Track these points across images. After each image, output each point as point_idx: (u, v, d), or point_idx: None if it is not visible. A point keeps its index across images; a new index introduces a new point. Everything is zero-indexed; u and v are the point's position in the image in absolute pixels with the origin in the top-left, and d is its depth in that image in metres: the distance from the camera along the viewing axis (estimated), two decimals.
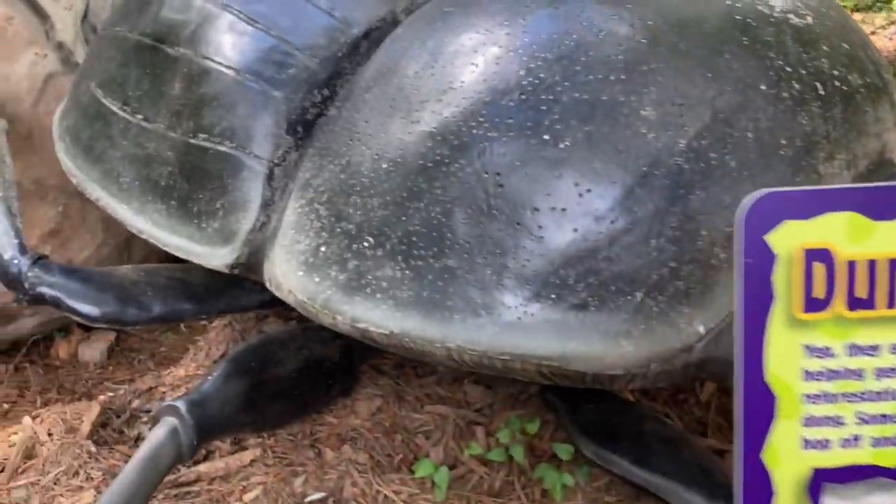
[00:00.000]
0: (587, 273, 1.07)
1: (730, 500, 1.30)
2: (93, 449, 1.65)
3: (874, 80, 1.30)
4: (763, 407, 0.61)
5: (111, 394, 2.10)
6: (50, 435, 1.74)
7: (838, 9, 1.38)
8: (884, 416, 0.61)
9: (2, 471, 1.76)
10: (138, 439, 1.77)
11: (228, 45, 1.41)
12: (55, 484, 1.61)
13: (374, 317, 1.16)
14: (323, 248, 1.23)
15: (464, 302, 1.11)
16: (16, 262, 1.57)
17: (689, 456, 1.34)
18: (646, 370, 1.11)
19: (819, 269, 0.59)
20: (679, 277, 1.09)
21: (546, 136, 1.10)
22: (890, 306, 0.59)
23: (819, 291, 0.59)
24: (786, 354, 0.61)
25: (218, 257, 1.38)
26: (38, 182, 2.28)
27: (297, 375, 1.55)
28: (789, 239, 0.59)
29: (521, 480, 1.53)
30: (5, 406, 2.38)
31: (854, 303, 0.58)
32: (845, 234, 0.61)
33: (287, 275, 1.28)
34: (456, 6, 1.29)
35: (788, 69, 1.17)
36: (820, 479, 0.63)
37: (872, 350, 0.60)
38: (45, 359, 2.72)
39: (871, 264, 0.58)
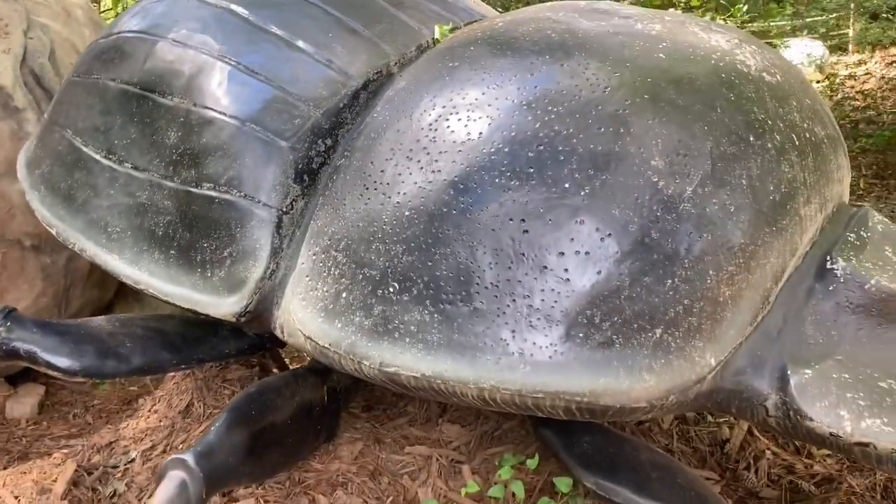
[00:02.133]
0: (612, 312, 1.15)
1: None
2: None
3: (831, 131, 1.45)
4: None
5: (65, 450, 2.01)
6: (17, 498, 1.65)
7: (795, 67, 1.53)
8: None
9: None
10: (114, 496, 1.71)
11: (230, 95, 1.42)
12: None
13: (405, 360, 1.19)
14: (344, 294, 1.25)
15: (495, 343, 1.15)
16: None
17: (684, 482, 1.42)
18: (664, 402, 1.18)
19: None
20: (692, 314, 1.17)
21: (566, 185, 1.17)
22: None
23: None
24: None
25: (225, 306, 1.37)
26: None
27: (292, 422, 1.55)
28: None
29: None
30: None
31: None
32: None
33: (304, 322, 1.29)
34: (460, 61, 1.35)
35: (769, 122, 1.29)
36: None
37: None
38: None
39: None
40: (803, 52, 7.66)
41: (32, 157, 1.73)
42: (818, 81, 7.68)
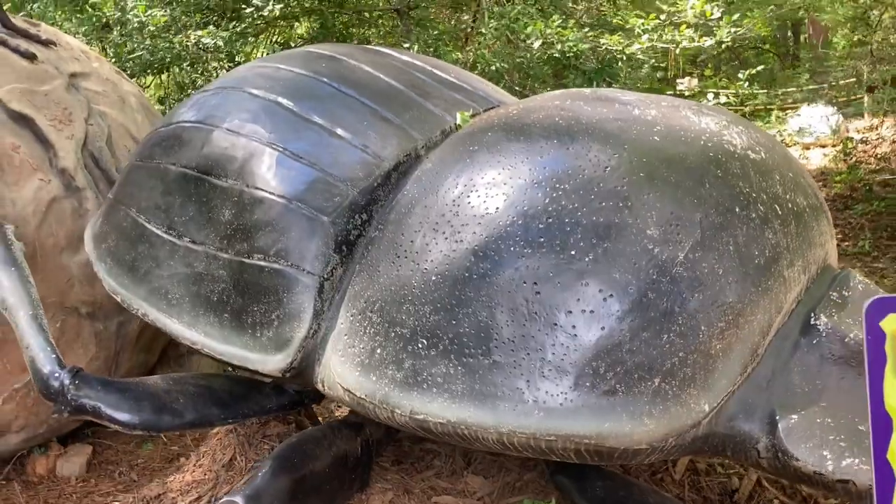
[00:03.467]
0: (615, 363, 1.30)
1: None
2: None
3: (814, 201, 1.61)
4: (884, 425, 0.89)
5: (117, 503, 2.16)
6: None
7: (780, 144, 1.71)
8: None
9: None
10: None
11: (278, 177, 1.62)
12: None
13: (432, 409, 1.35)
14: (378, 351, 1.42)
15: (512, 392, 1.31)
16: (56, 375, 1.69)
17: None
18: (664, 444, 1.33)
19: None
20: (687, 365, 1.33)
21: (573, 252, 1.35)
22: None
23: None
24: (895, 392, 0.92)
25: (273, 363, 1.55)
26: (41, 299, 2.38)
27: (330, 470, 1.70)
28: (893, 324, 0.90)
29: None
30: None
31: None
32: None
33: (343, 376, 1.46)
34: (479, 145, 1.54)
35: (754, 195, 1.46)
36: None
37: None
38: (22, 475, 2.73)
39: None
40: (819, 118, 7.87)
41: (98, 232, 1.94)
42: (833, 146, 7.86)
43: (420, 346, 1.38)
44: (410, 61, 2.04)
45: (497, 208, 1.42)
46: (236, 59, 3.80)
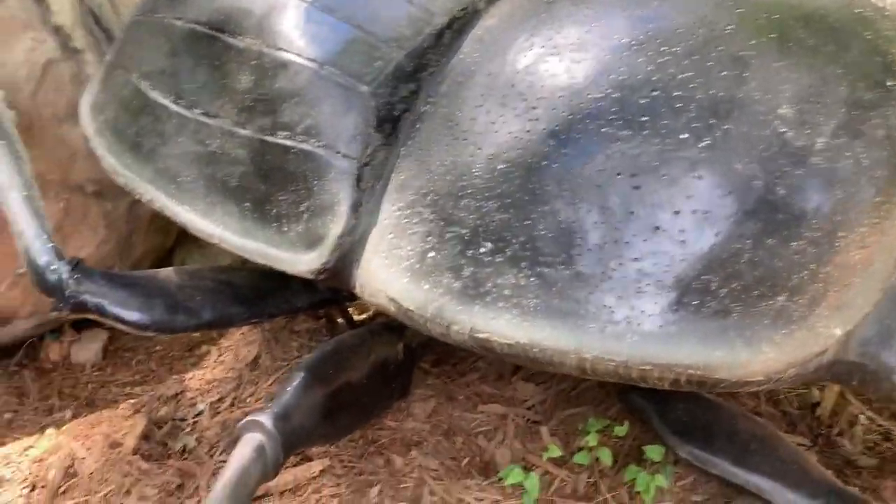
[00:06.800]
0: (730, 277, 1.04)
1: (829, 498, 1.30)
2: (144, 465, 1.55)
3: None
4: None
5: (133, 400, 1.99)
6: (89, 449, 1.62)
7: None
8: None
9: (31, 489, 1.64)
10: (184, 452, 1.68)
11: (306, 35, 1.32)
12: None
13: (498, 326, 1.10)
14: (432, 254, 1.16)
15: (599, 310, 1.06)
16: (53, 267, 1.46)
17: (785, 454, 1.33)
18: (783, 375, 1.08)
19: None
20: (818, 280, 1.06)
21: (684, 136, 1.06)
22: None
23: None
24: None
25: (303, 263, 1.30)
26: (40, 177, 2.11)
27: (368, 381, 1.48)
28: None
29: (605, 482, 1.50)
30: (7, 416, 2.24)
31: None
32: None
33: (388, 282, 1.21)
34: None
35: None
36: None
37: None
38: (35, 362, 2.57)
39: None
40: None
41: (95, 101, 1.65)
42: None
43: (483, 250, 1.12)
44: None
45: (585, 77, 1.12)
46: None
